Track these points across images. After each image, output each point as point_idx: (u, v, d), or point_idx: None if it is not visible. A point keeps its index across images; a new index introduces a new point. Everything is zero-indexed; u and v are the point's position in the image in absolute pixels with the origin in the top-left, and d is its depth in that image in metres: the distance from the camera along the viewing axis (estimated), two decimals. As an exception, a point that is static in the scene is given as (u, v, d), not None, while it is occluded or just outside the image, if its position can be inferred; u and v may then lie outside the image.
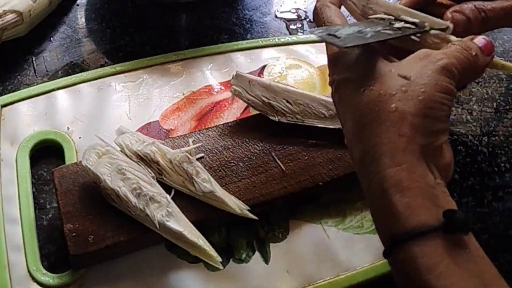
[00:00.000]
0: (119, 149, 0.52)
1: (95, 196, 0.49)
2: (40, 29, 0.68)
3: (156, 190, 0.49)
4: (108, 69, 0.64)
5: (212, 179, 0.51)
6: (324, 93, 0.63)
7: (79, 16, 0.71)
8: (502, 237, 0.57)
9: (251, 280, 0.51)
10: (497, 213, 0.59)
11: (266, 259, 0.52)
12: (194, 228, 0.49)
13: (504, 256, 0.56)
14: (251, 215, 0.50)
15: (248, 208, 0.50)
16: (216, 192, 0.50)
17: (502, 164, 0.62)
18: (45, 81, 0.63)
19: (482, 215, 0.58)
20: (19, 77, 0.64)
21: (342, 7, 0.49)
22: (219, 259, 0.49)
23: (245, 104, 0.61)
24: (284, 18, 0.75)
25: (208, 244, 0.49)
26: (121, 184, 0.48)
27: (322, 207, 0.55)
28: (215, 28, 0.72)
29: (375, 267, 0.52)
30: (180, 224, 0.48)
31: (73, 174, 0.51)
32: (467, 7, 0.47)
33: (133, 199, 0.48)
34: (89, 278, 0.49)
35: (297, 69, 0.67)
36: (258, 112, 0.58)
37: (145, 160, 0.51)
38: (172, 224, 0.48)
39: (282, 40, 0.70)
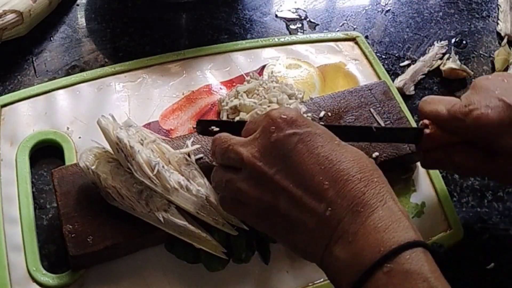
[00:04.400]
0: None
1: (95, 197, 0.49)
2: (40, 29, 0.68)
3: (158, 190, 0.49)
4: (108, 69, 0.64)
5: (207, 184, 0.51)
6: (323, 93, 0.63)
7: (79, 16, 0.71)
8: (502, 237, 0.57)
9: (251, 280, 0.51)
10: (497, 213, 0.59)
11: (266, 259, 0.52)
12: (194, 221, 0.49)
13: (504, 256, 0.56)
14: (242, 225, 0.50)
15: None
16: (210, 197, 0.50)
17: (502, 164, 0.62)
18: (45, 81, 0.63)
19: (482, 215, 0.58)
20: (19, 77, 0.64)
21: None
22: (224, 249, 0.50)
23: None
24: (284, 18, 0.75)
25: (209, 235, 0.49)
26: (122, 182, 0.49)
27: (321, 207, 0.55)
28: (215, 28, 0.72)
29: (374, 267, 0.52)
30: (183, 217, 0.49)
31: (72, 175, 0.51)
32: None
33: (135, 196, 0.48)
34: (89, 278, 0.49)
35: (297, 69, 0.67)
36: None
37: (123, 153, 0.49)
38: (176, 217, 0.48)
39: (282, 40, 0.70)
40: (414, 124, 0.62)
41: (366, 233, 0.39)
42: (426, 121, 0.51)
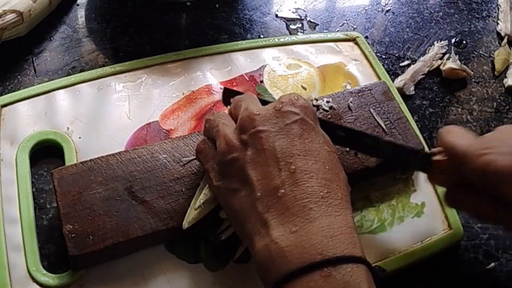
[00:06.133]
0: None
1: (95, 197, 0.49)
2: (40, 29, 0.68)
3: None
4: (108, 69, 0.64)
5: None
6: (324, 93, 0.63)
7: (79, 16, 0.71)
8: (502, 237, 0.57)
9: (251, 280, 0.51)
10: (497, 213, 0.59)
11: (266, 259, 0.52)
12: None
13: (504, 256, 0.56)
14: None
15: None
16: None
17: (502, 164, 0.62)
18: (45, 81, 0.63)
19: (482, 215, 0.58)
20: (19, 77, 0.64)
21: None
22: None
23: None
24: (284, 18, 0.75)
25: None
26: None
27: (322, 207, 0.55)
28: (215, 28, 0.72)
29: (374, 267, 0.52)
30: None
31: (72, 175, 0.51)
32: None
33: None
34: (89, 278, 0.49)
35: (297, 69, 0.67)
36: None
37: None
38: None
39: (282, 40, 0.70)
40: (414, 126, 0.62)
41: (312, 232, 0.39)
42: (436, 150, 0.49)
